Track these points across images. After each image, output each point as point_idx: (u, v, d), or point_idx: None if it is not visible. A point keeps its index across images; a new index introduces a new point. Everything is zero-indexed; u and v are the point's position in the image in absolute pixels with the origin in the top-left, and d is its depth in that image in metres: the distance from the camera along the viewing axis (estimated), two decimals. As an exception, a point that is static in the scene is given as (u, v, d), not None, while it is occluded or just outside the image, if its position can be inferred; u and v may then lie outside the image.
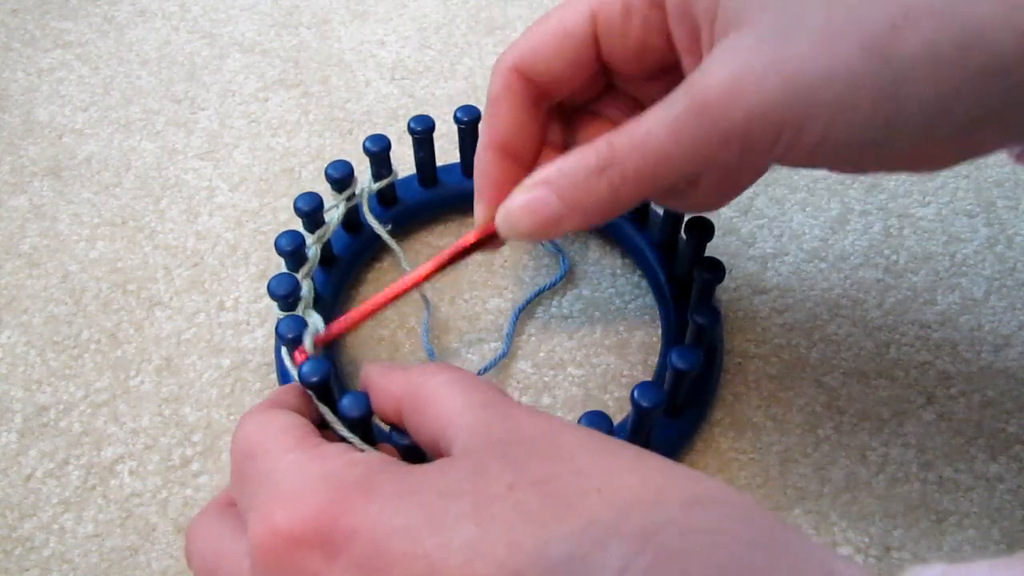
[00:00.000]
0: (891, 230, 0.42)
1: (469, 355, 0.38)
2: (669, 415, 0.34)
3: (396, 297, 0.31)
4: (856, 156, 0.25)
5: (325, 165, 0.45)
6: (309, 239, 0.36)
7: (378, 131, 0.46)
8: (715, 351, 0.36)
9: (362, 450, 0.25)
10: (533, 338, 0.38)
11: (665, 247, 0.38)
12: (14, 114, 0.47)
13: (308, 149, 0.46)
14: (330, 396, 0.31)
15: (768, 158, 0.25)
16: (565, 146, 0.31)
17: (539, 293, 0.39)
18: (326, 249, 0.37)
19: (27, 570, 0.32)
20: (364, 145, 0.38)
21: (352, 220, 0.39)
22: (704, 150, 0.25)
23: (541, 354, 0.38)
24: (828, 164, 0.25)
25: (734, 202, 0.43)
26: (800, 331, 0.38)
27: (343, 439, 0.28)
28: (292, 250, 0.35)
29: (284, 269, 0.35)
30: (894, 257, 0.41)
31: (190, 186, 0.44)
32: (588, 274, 0.40)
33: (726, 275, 0.33)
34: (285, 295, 0.33)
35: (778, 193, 0.43)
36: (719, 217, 0.42)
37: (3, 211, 0.43)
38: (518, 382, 0.37)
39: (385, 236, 0.37)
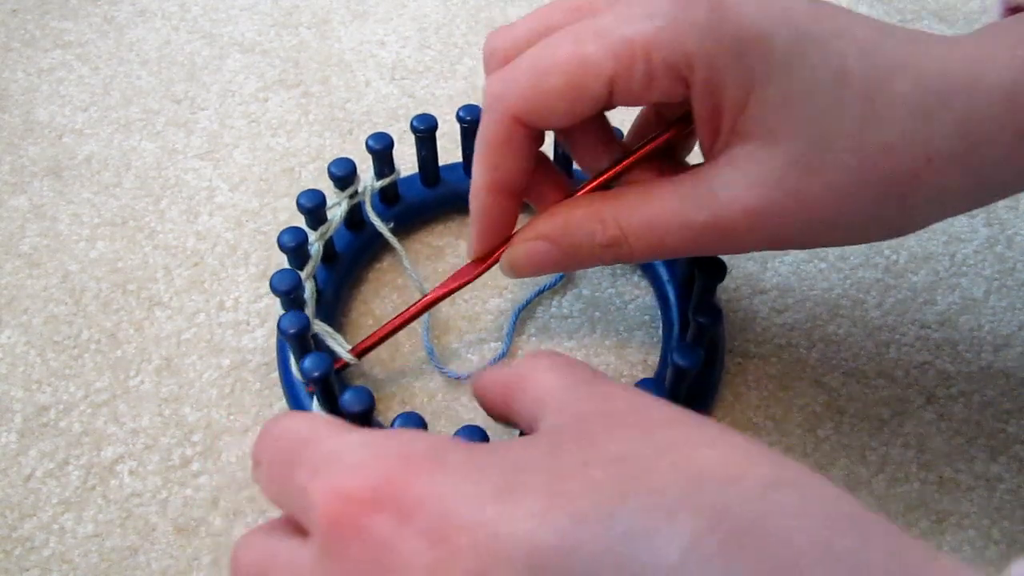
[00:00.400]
0: (891, 230, 0.42)
1: (469, 355, 0.38)
2: None
3: (409, 320, 0.34)
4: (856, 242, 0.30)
5: (325, 165, 0.45)
6: (312, 236, 0.36)
7: (377, 131, 0.46)
8: (716, 350, 0.36)
9: None
10: (533, 338, 0.38)
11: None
12: (14, 114, 0.47)
13: (308, 149, 0.46)
14: (331, 392, 0.31)
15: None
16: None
17: (539, 293, 0.39)
18: (328, 247, 0.37)
19: (27, 570, 0.32)
20: (367, 143, 0.38)
21: (355, 218, 0.39)
22: (714, 251, 0.29)
23: (541, 354, 0.38)
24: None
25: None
26: (800, 331, 0.38)
27: None
28: (295, 246, 0.35)
29: (286, 267, 0.35)
30: (894, 257, 0.41)
31: (190, 186, 0.44)
32: (588, 274, 0.40)
33: (726, 275, 0.33)
34: (287, 291, 0.33)
35: (778, 193, 0.43)
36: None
37: (3, 211, 0.43)
38: (518, 382, 0.37)
39: (387, 234, 0.37)
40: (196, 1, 0.54)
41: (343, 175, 0.37)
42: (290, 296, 0.33)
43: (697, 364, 0.31)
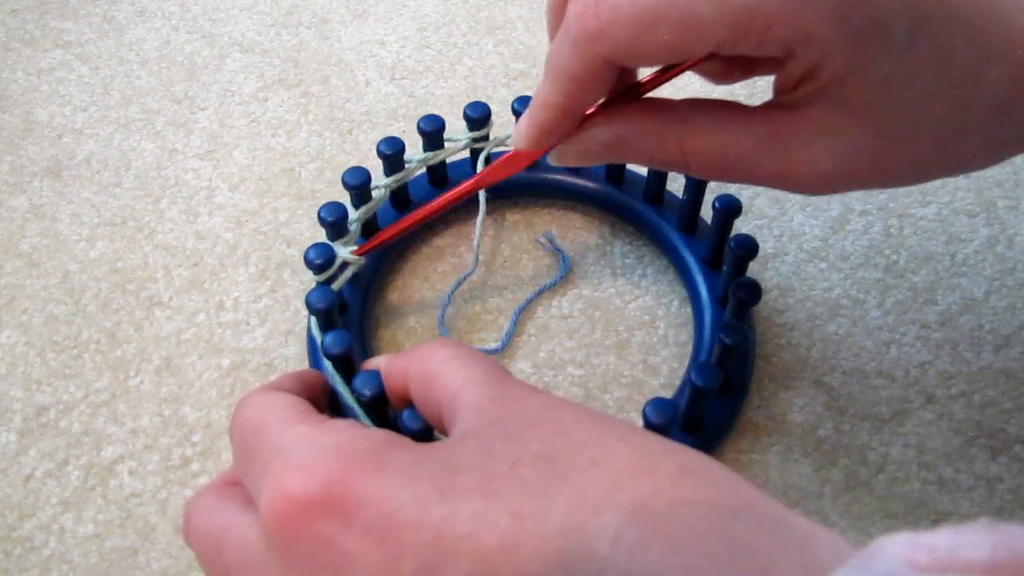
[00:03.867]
0: (891, 230, 0.42)
1: (469, 355, 0.38)
2: (687, 432, 0.34)
3: (438, 210, 0.34)
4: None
5: (325, 165, 0.45)
6: (353, 214, 0.37)
7: (377, 131, 0.46)
8: (743, 369, 0.36)
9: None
10: (533, 338, 0.38)
11: (711, 262, 0.38)
12: (14, 114, 0.47)
13: (308, 149, 0.46)
14: (351, 369, 0.32)
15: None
16: None
17: (539, 293, 0.39)
18: (371, 223, 0.38)
19: (27, 570, 0.32)
20: (378, 146, 0.38)
21: (400, 198, 0.40)
22: (769, 186, 0.28)
23: (541, 354, 0.38)
24: None
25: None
26: (800, 331, 0.38)
27: (354, 417, 0.29)
28: (334, 221, 0.35)
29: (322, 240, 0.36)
30: (894, 257, 0.41)
31: (190, 186, 0.44)
32: (588, 274, 0.40)
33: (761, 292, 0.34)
34: (322, 264, 0.34)
35: (778, 193, 0.43)
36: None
37: (3, 211, 0.43)
38: (518, 382, 0.37)
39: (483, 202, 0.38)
40: (196, 1, 0.53)
41: (392, 153, 0.37)
42: (336, 227, 0.34)
43: (714, 386, 0.31)
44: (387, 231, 0.35)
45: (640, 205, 0.40)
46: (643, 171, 0.40)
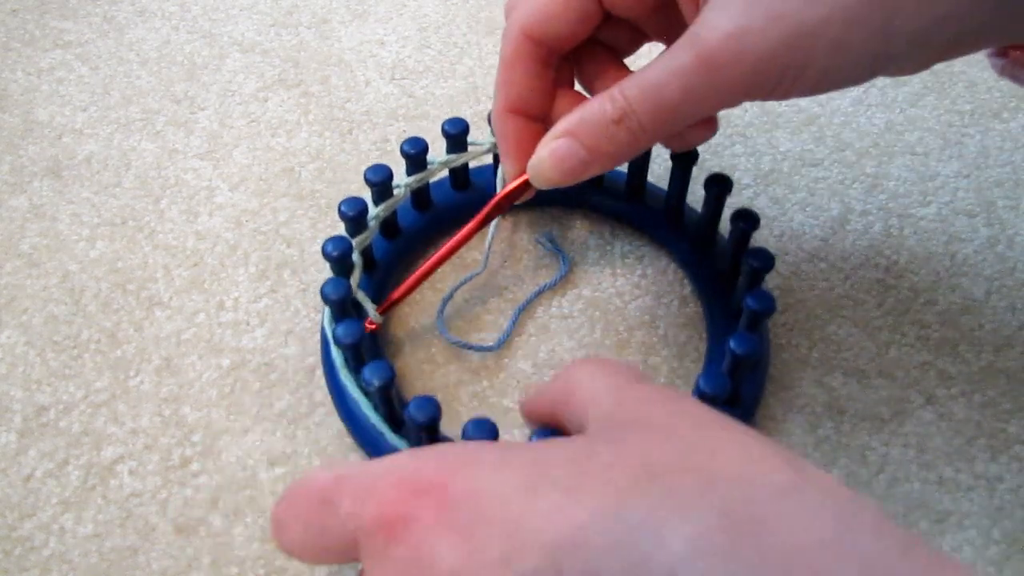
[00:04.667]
0: (891, 230, 0.42)
1: (469, 355, 0.38)
2: (729, 404, 0.34)
3: (446, 258, 0.35)
4: (846, 80, 0.27)
5: (325, 165, 0.45)
6: (373, 210, 0.37)
7: (377, 131, 0.46)
8: (755, 381, 0.36)
9: None
10: (533, 338, 0.38)
11: (702, 244, 0.39)
12: (14, 114, 0.47)
13: (308, 149, 0.46)
14: (360, 359, 0.33)
15: (768, 97, 0.27)
16: (573, 83, 0.33)
17: (539, 293, 0.39)
18: (392, 225, 0.39)
19: (27, 570, 0.32)
20: (402, 146, 0.38)
21: (421, 198, 0.40)
22: (713, 99, 0.27)
23: (541, 354, 0.38)
24: (819, 92, 0.28)
25: (734, 203, 0.43)
26: (800, 331, 0.38)
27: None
28: (354, 215, 0.35)
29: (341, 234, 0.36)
30: (894, 257, 0.41)
31: (190, 186, 0.44)
32: (588, 274, 0.40)
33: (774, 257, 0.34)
34: (339, 257, 0.34)
35: (778, 193, 0.43)
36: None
37: (3, 211, 0.43)
38: (518, 382, 0.37)
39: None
40: (196, 1, 0.53)
41: (416, 153, 0.37)
42: (341, 264, 0.35)
43: (753, 353, 0.31)
44: (403, 286, 0.36)
45: (660, 226, 0.40)
46: (663, 186, 0.41)
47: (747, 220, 0.35)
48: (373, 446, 0.33)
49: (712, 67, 0.26)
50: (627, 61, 0.33)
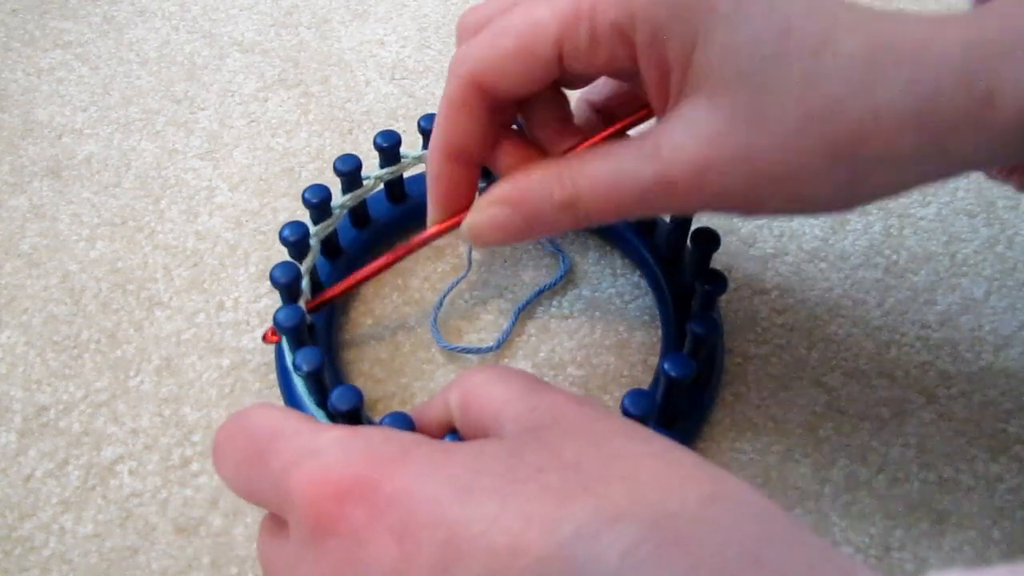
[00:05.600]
0: (891, 230, 0.42)
1: (468, 355, 0.38)
2: (663, 425, 0.34)
3: (369, 277, 0.34)
4: (808, 213, 0.29)
5: (325, 165, 0.45)
6: (312, 230, 0.36)
7: (377, 131, 0.46)
8: (713, 361, 0.36)
9: None
10: (533, 338, 0.38)
11: (669, 258, 0.38)
12: (14, 114, 0.47)
13: (308, 149, 0.46)
14: (322, 384, 0.32)
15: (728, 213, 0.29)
16: (514, 121, 0.32)
17: (539, 293, 0.39)
18: (332, 242, 0.38)
19: (27, 570, 0.32)
20: (375, 139, 0.38)
21: (359, 214, 0.39)
22: (666, 209, 0.28)
23: (541, 354, 0.38)
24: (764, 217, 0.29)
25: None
26: (800, 331, 0.38)
27: None
28: (295, 240, 0.35)
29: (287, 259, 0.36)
30: (894, 257, 0.41)
31: (190, 186, 0.44)
32: (588, 274, 0.40)
33: (728, 282, 0.34)
34: (287, 283, 0.34)
35: (778, 193, 0.43)
36: (720, 216, 0.42)
37: (3, 211, 0.43)
38: (518, 382, 0.37)
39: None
40: (196, 1, 0.54)
41: (349, 170, 0.37)
42: (289, 289, 0.34)
43: (688, 375, 0.31)
44: (333, 289, 0.35)
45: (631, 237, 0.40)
46: None
47: (707, 239, 0.36)
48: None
49: (670, 189, 0.26)
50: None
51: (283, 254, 0.36)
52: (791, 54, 0.24)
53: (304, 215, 0.37)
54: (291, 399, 0.35)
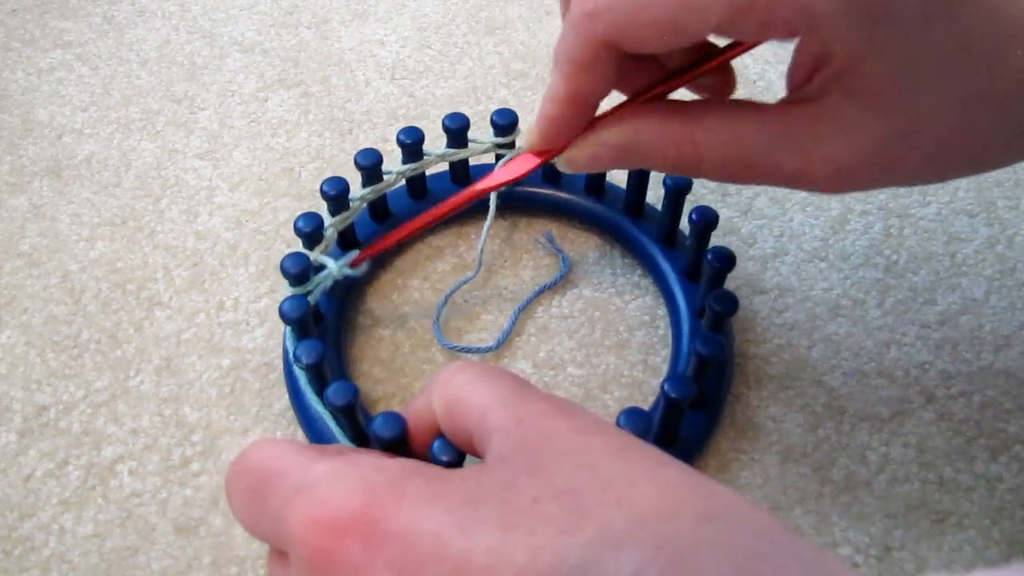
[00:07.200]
0: (891, 230, 0.42)
1: (469, 355, 0.38)
2: (662, 445, 0.33)
3: (430, 223, 0.34)
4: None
5: (325, 165, 0.45)
6: (328, 221, 0.36)
7: (377, 131, 0.46)
8: (720, 383, 0.35)
9: None
10: (533, 338, 0.38)
11: (689, 273, 0.38)
12: (14, 114, 0.47)
13: (308, 149, 0.46)
14: (323, 377, 0.32)
15: None
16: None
17: (539, 293, 0.39)
18: (349, 235, 0.38)
19: (27, 570, 0.32)
20: (398, 135, 0.38)
21: (378, 208, 0.39)
22: (786, 187, 0.28)
23: (541, 354, 0.38)
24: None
25: (734, 202, 0.43)
26: (800, 331, 0.38)
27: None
28: (310, 231, 0.35)
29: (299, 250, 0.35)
30: (894, 257, 0.41)
31: (190, 186, 0.44)
32: (588, 274, 0.40)
33: (738, 304, 0.34)
34: (297, 275, 0.34)
35: (778, 193, 0.43)
36: (721, 216, 0.42)
37: (3, 211, 0.43)
38: (518, 382, 0.37)
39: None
40: (196, 1, 0.54)
41: (370, 164, 0.37)
42: (298, 278, 0.34)
43: (688, 397, 0.31)
44: (392, 235, 0.35)
45: (619, 218, 0.40)
46: (623, 182, 0.40)
47: (706, 218, 0.36)
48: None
49: (807, 182, 0.26)
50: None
51: (283, 254, 0.36)
52: (967, 68, 0.24)
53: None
54: (294, 392, 0.35)
